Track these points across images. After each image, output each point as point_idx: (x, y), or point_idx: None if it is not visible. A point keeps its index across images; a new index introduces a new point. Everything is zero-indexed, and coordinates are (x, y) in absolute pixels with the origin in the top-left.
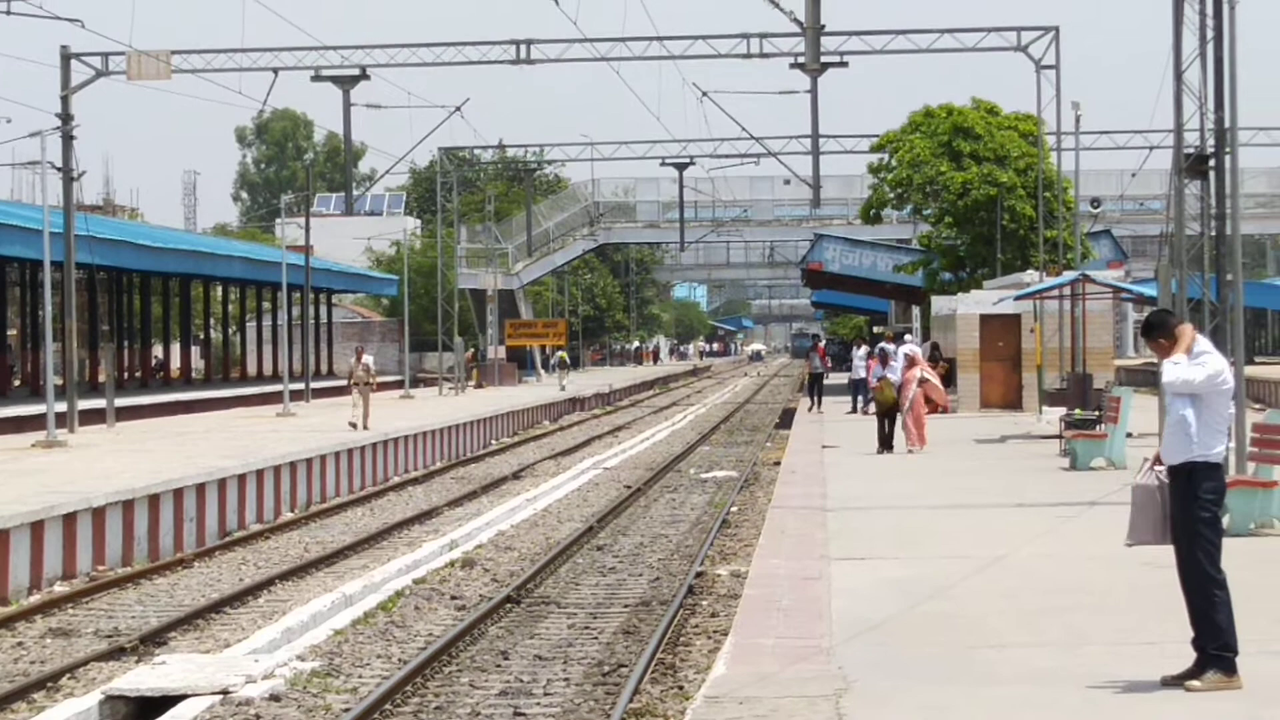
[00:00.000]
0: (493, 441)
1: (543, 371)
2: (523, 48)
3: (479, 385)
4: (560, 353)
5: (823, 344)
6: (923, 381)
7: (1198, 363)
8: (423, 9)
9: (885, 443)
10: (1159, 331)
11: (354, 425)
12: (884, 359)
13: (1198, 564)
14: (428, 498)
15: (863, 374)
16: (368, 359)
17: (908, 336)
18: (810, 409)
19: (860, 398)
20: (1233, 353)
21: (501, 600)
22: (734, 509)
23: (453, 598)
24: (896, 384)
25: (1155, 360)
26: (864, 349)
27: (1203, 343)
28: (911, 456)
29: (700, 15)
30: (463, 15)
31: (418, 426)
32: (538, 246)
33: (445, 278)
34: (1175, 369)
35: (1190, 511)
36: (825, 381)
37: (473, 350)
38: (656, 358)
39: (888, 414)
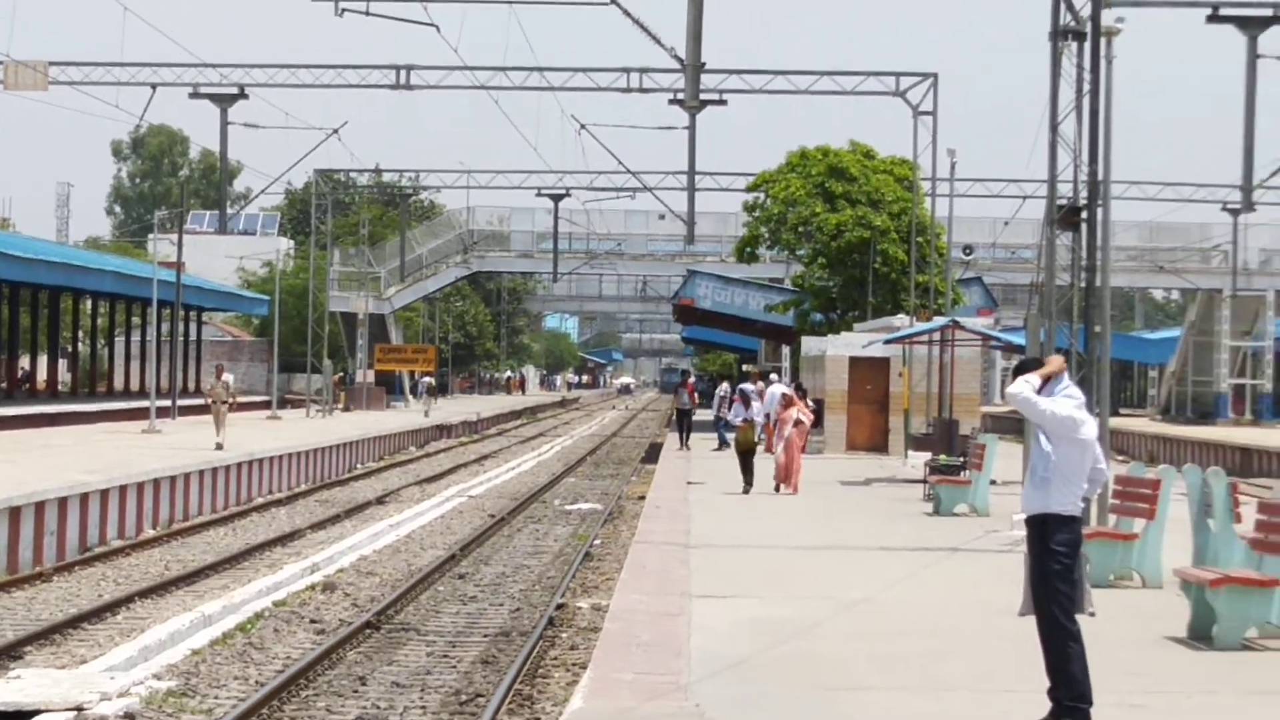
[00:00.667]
0: (358, 465)
1: (411, 397)
2: (402, 73)
3: (346, 409)
4: (426, 379)
5: (692, 380)
6: (797, 423)
7: (1052, 396)
8: (303, 30)
9: (749, 482)
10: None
11: (220, 446)
12: (746, 400)
13: (1053, 616)
14: (291, 520)
15: (720, 411)
16: (227, 377)
17: (773, 376)
18: (679, 446)
19: (719, 434)
20: (1098, 404)
21: (361, 625)
22: (597, 542)
23: (312, 621)
24: (760, 425)
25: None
26: (724, 386)
27: (1072, 388)
28: (776, 496)
29: (581, 48)
30: (343, 38)
31: (283, 448)
32: (410, 272)
33: (316, 300)
34: (1024, 384)
35: (1044, 564)
36: (694, 418)
37: (341, 374)
38: (523, 387)
39: (748, 454)
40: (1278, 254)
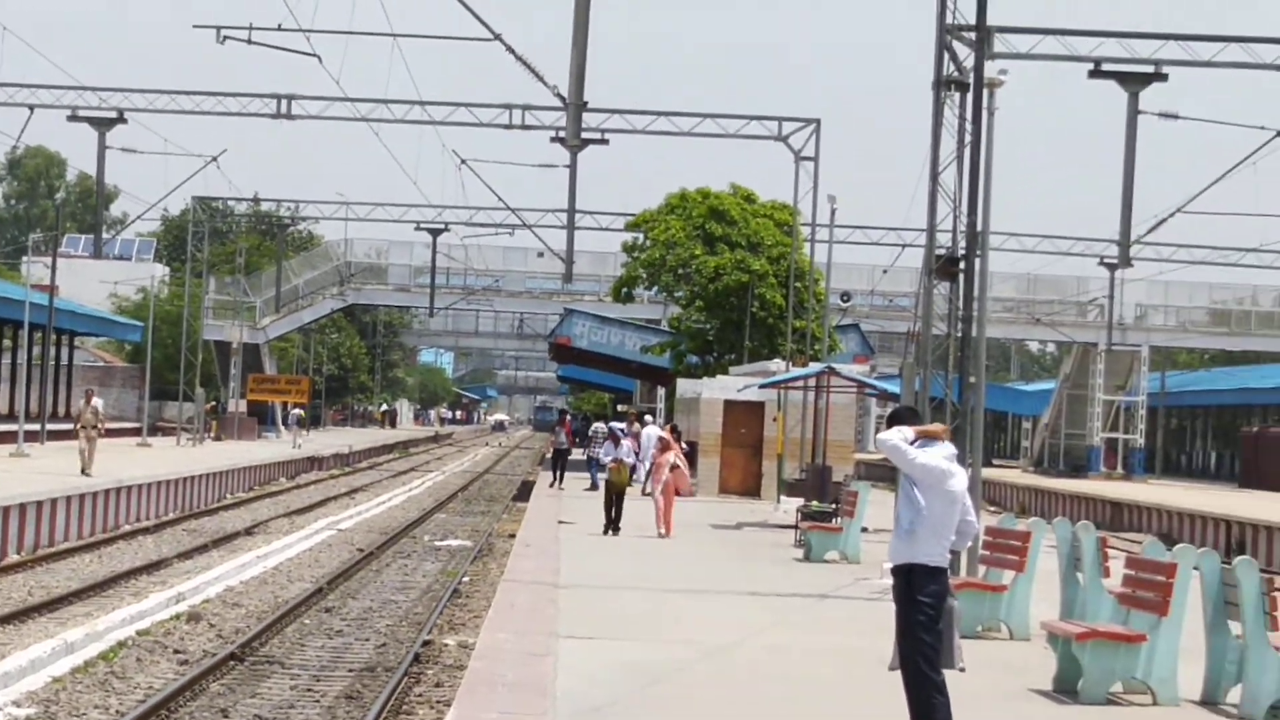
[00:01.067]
0: (227, 495)
1: (283, 428)
2: (283, 102)
3: (217, 438)
4: (296, 410)
5: (569, 419)
6: (674, 467)
7: (923, 448)
8: (185, 56)
9: (612, 524)
10: (901, 424)
11: (86, 473)
12: (615, 440)
13: (917, 667)
14: (158, 548)
15: (591, 450)
16: (97, 402)
17: (648, 417)
18: (552, 484)
19: (591, 474)
20: (971, 455)
21: (225, 657)
22: (466, 579)
23: (176, 651)
24: (631, 464)
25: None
26: (596, 426)
27: (948, 446)
28: (647, 538)
29: (463, 83)
30: (225, 65)
31: (152, 476)
32: (286, 302)
33: (191, 327)
34: (897, 433)
35: (910, 614)
36: (569, 458)
37: (213, 402)
38: (393, 421)
39: (617, 496)
40: (1153, 309)
